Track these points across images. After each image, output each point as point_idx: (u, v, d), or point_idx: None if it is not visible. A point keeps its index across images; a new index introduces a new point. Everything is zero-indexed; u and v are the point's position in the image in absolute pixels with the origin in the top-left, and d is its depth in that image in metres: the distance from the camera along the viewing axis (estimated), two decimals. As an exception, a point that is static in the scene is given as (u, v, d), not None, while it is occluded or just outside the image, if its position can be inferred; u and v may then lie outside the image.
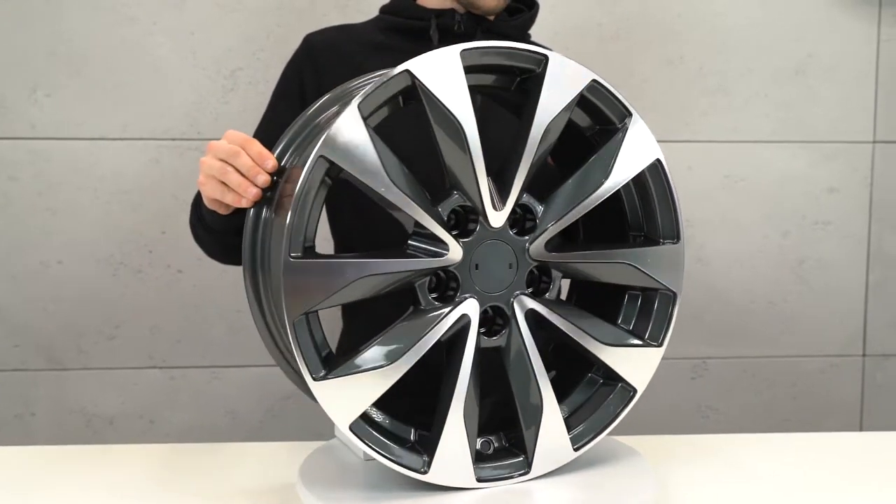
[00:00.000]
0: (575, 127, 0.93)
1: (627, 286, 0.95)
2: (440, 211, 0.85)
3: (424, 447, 0.86)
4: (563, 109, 0.87)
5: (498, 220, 0.86)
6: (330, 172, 0.81)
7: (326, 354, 0.82)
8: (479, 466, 0.88)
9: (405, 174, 0.82)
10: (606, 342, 0.91)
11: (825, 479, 1.03)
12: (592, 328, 0.91)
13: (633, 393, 0.94)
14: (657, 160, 0.92)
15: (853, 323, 1.94)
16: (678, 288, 0.94)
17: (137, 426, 1.80)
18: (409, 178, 0.82)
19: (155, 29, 1.71)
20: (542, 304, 0.89)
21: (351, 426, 0.82)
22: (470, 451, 0.86)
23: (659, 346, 0.94)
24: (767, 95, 1.86)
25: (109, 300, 1.76)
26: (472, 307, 0.85)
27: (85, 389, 1.78)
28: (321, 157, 0.78)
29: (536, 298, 0.89)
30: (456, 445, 0.85)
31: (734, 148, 1.87)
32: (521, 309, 0.88)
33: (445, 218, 0.85)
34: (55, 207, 1.73)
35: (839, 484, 1.02)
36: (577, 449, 0.92)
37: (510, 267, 0.87)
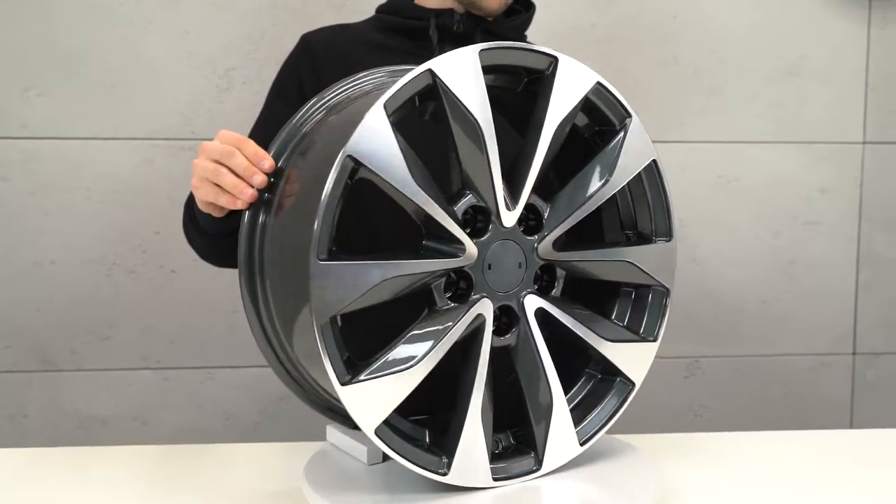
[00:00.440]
0: (572, 127, 0.93)
1: (621, 283, 0.97)
2: (456, 211, 0.85)
3: (442, 448, 0.86)
4: (571, 110, 0.88)
5: (510, 219, 0.87)
6: (351, 173, 0.80)
7: (346, 359, 0.80)
8: (492, 465, 0.88)
9: (426, 175, 0.82)
10: (609, 338, 0.93)
11: (816, 475, 1.05)
12: (596, 325, 0.93)
13: (631, 387, 0.96)
14: (653, 161, 0.94)
15: (843, 322, 1.96)
16: (671, 284, 0.96)
17: (131, 427, 1.79)
18: (429, 178, 0.82)
19: (149, 28, 1.70)
20: (550, 302, 0.90)
21: (376, 430, 0.81)
22: (487, 450, 0.86)
23: (654, 340, 0.96)
24: (760, 97, 1.87)
25: (103, 301, 1.74)
26: (486, 307, 0.86)
27: (78, 390, 1.76)
28: (348, 156, 0.77)
29: (544, 297, 0.90)
30: (474, 446, 0.85)
31: (727, 148, 1.88)
32: (530, 307, 0.89)
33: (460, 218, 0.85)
34: (48, 207, 1.71)
35: (830, 480, 1.03)
36: (582, 444, 0.93)
37: (520, 266, 0.88)
